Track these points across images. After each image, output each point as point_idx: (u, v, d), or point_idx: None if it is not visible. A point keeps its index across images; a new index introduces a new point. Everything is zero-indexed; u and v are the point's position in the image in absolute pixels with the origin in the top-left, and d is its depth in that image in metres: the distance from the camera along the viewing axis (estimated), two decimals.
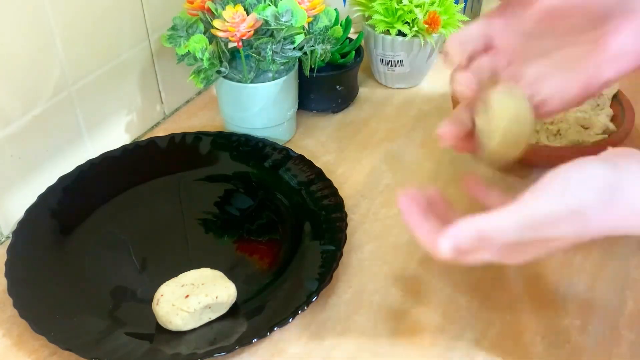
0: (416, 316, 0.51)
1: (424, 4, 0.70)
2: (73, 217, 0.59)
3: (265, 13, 0.60)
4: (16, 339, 0.50)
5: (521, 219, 0.38)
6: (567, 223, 0.37)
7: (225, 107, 0.68)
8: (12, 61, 0.55)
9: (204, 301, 0.48)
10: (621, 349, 0.48)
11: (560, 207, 0.37)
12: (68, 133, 0.62)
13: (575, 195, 0.37)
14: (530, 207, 0.38)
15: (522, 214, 0.38)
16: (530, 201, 0.38)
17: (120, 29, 0.65)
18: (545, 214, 0.37)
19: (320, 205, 0.59)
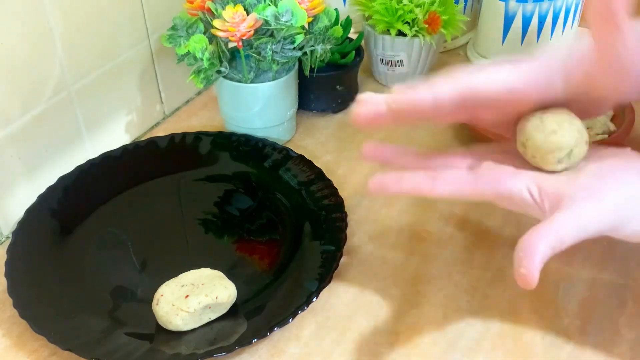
0: (416, 316, 0.51)
1: (424, 4, 0.70)
2: (73, 217, 0.59)
3: (265, 13, 0.60)
4: (16, 339, 0.50)
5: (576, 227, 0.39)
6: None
7: (225, 107, 0.68)
8: (12, 61, 0.55)
9: (204, 301, 0.48)
10: (621, 349, 0.48)
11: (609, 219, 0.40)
12: (68, 133, 0.62)
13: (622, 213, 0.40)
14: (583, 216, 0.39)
15: (577, 224, 0.39)
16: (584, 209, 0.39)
17: (120, 29, 0.65)
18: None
19: (320, 205, 0.59)
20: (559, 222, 0.39)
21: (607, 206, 0.39)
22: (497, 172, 0.43)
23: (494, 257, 0.56)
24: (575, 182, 0.41)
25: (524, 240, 0.38)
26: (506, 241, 0.57)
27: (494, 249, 0.56)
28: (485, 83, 0.42)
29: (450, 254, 0.56)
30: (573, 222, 0.39)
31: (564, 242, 0.39)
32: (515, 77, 0.42)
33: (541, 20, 0.75)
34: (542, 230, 0.38)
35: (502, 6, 0.75)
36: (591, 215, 0.39)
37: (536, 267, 0.37)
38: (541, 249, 0.38)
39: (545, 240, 0.38)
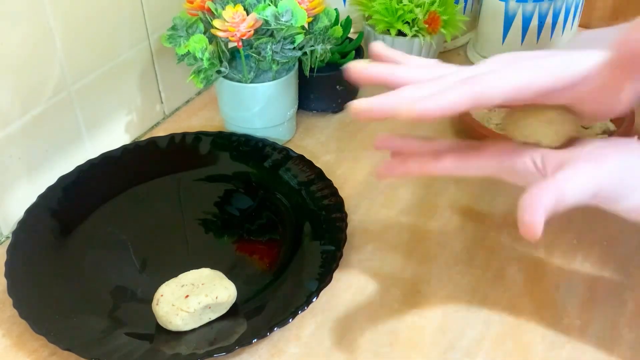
0: (416, 316, 0.51)
1: (424, 4, 0.70)
2: (73, 217, 0.59)
3: (265, 13, 0.60)
4: (16, 339, 0.50)
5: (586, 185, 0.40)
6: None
7: (225, 107, 0.68)
8: (12, 61, 0.55)
9: (204, 301, 0.48)
10: (621, 349, 0.48)
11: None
12: (68, 133, 0.62)
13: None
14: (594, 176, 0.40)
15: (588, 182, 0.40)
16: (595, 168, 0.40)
17: (120, 29, 0.65)
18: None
19: (320, 205, 0.59)
20: (561, 177, 0.40)
21: (608, 169, 0.40)
22: (501, 147, 0.44)
23: (494, 257, 0.56)
24: (580, 149, 0.42)
25: (527, 194, 0.39)
26: (506, 241, 0.57)
27: (494, 249, 0.56)
28: (497, 86, 0.41)
29: (450, 254, 0.56)
30: (574, 178, 0.40)
31: (566, 198, 0.39)
32: (526, 80, 0.41)
33: (541, 20, 0.75)
34: (545, 184, 0.39)
35: (502, 6, 0.75)
36: (592, 175, 0.40)
37: (540, 216, 0.38)
38: (544, 200, 0.38)
39: (548, 192, 0.39)
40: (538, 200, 0.38)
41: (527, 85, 0.40)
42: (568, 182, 0.40)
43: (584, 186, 0.40)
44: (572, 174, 0.40)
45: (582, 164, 0.40)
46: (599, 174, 0.40)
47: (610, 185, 0.40)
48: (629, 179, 0.40)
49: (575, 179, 0.40)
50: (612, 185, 0.40)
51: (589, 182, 0.40)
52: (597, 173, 0.40)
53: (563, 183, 0.39)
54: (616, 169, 0.40)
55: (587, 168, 0.40)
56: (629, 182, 0.40)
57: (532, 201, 0.38)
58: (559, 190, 0.39)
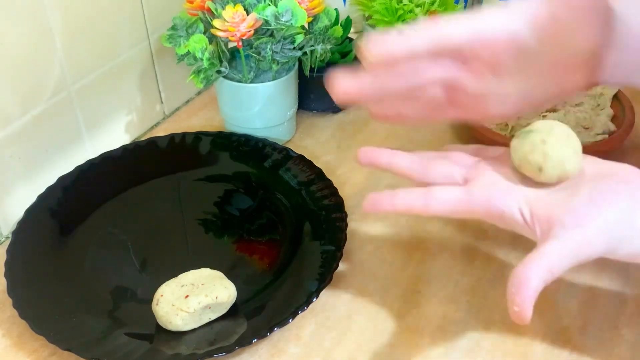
0: (416, 316, 0.51)
1: (425, 4, 0.70)
2: (73, 217, 0.59)
3: (265, 13, 0.60)
4: (16, 339, 0.50)
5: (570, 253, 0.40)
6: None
7: (225, 107, 0.68)
8: (12, 61, 0.55)
9: (204, 301, 0.48)
10: (622, 349, 0.48)
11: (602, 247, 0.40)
12: (68, 133, 0.62)
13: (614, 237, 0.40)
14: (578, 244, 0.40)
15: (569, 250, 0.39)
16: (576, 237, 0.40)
17: (120, 29, 0.65)
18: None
19: (320, 205, 0.59)
20: (549, 253, 0.39)
21: (596, 232, 0.40)
22: (490, 190, 0.43)
23: (493, 257, 0.56)
24: (566, 206, 0.41)
25: (515, 276, 0.38)
26: (506, 241, 0.57)
27: (494, 249, 0.56)
28: (456, 29, 0.43)
29: (450, 254, 0.56)
30: (563, 252, 0.39)
31: (555, 273, 0.39)
32: (483, 23, 0.43)
33: None
34: (533, 264, 0.39)
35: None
36: (581, 243, 0.39)
37: (529, 303, 0.38)
38: (533, 284, 0.38)
39: (536, 275, 0.38)
40: (526, 284, 0.38)
41: (486, 27, 0.42)
42: (557, 256, 0.39)
43: (573, 256, 0.39)
44: (560, 247, 0.39)
45: (570, 232, 0.39)
46: (588, 240, 0.39)
47: (599, 246, 0.40)
48: (619, 233, 0.40)
49: (564, 251, 0.39)
50: (603, 245, 0.40)
51: (578, 250, 0.39)
52: (586, 240, 0.39)
53: (552, 258, 0.39)
54: (604, 228, 0.40)
55: (575, 236, 0.39)
56: (619, 236, 0.40)
57: (521, 287, 0.38)
58: (548, 268, 0.38)
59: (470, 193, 0.43)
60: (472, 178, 0.45)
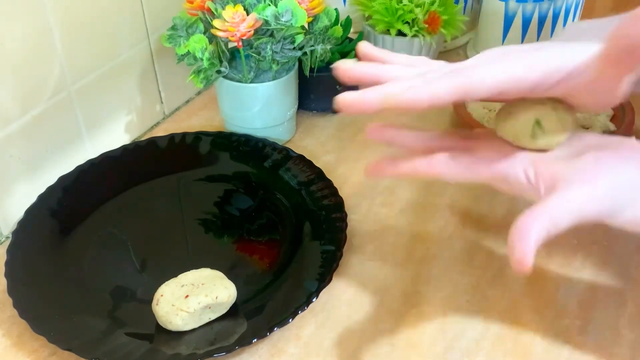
0: (416, 316, 0.51)
1: (424, 4, 0.70)
2: (73, 217, 0.59)
3: (265, 13, 0.60)
4: (16, 339, 0.50)
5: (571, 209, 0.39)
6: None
7: (225, 107, 0.68)
8: (12, 61, 0.55)
9: (204, 301, 0.48)
10: (621, 349, 0.48)
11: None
12: (68, 133, 0.62)
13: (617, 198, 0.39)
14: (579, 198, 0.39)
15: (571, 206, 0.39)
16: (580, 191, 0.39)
17: (120, 29, 0.65)
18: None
19: (320, 205, 0.59)
20: (553, 204, 0.38)
21: (603, 190, 0.39)
22: (493, 154, 0.43)
23: (493, 257, 0.56)
24: (572, 166, 0.40)
25: (517, 224, 0.38)
26: (506, 241, 0.57)
27: (494, 249, 0.56)
28: (483, 83, 0.41)
29: (450, 254, 0.56)
30: (567, 204, 0.39)
31: (559, 225, 0.38)
32: (512, 76, 0.41)
33: (541, 20, 0.75)
34: (536, 214, 0.38)
35: (502, 6, 0.75)
36: (586, 198, 0.39)
37: (530, 251, 0.37)
38: (535, 232, 0.37)
39: (539, 224, 0.37)
40: (528, 233, 0.37)
41: (514, 79, 0.40)
42: (561, 209, 0.38)
43: (578, 211, 0.39)
44: (565, 198, 0.39)
45: (576, 187, 0.39)
46: (594, 196, 0.39)
47: (606, 204, 0.39)
48: (623, 194, 0.39)
49: (569, 204, 0.39)
50: (607, 203, 0.39)
51: (583, 205, 0.39)
52: (592, 194, 0.39)
53: (556, 210, 0.38)
54: (611, 186, 0.39)
55: (581, 190, 0.39)
56: (623, 197, 0.39)
57: (523, 233, 0.37)
58: (552, 219, 0.38)
59: (473, 157, 0.43)
60: (473, 148, 0.45)
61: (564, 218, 0.38)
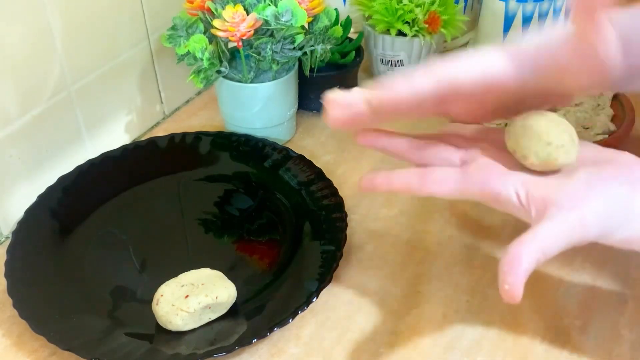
0: (416, 316, 0.51)
1: (424, 4, 0.70)
2: (73, 217, 0.59)
3: (265, 13, 0.60)
4: (16, 339, 0.50)
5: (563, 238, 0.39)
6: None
7: (225, 107, 0.68)
8: (12, 61, 0.55)
9: (204, 301, 0.48)
10: (622, 349, 0.48)
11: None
12: (68, 133, 0.62)
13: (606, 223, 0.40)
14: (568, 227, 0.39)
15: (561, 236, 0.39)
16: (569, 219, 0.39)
17: (120, 29, 0.65)
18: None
19: (320, 205, 0.59)
20: (543, 233, 0.39)
21: (592, 215, 0.39)
22: (486, 172, 0.43)
23: (494, 257, 0.56)
24: (562, 189, 0.40)
25: (507, 254, 0.38)
26: (506, 241, 0.56)
27: (494, 249, 0.56)
28: (463, 73, 0.42)
29: (450, 254, 0.56)
30: (556, 233, 0.39)
31: (548, 254, 0.38)
32: (490, 67, 0.42)
33: (541, 20, 0.74)
34: (526, 244, 0.38)
35: (502, 6, 0.75)
36: (575, 225, 0.39)
37: (520, 282, 0.37)
38: (524, 263, 0.37)
39: (528, 254, 0.38)
40: (518, 264, 0.37)
41: (493, 70, 0.41)
42: (550, 239, 0.38)
43: (568, 238, 0.39)
44: (555, 227, 0.39)
45: (565, 213, 0.39)
46: (584, 222, 0.39)
47: (596, 229, 0.39)
48: (615, 215, 0.40)
49: (559, 232, 0.39)
50: (598, 228, 0.39)
51: (573, 233, 0.39)
52: (582, 222, 0.39)
53: (545, 240, 0.38)
54: (601, 211, 0.39)
55: (571, 218, 0.39)
56: (615, 219, 0.40)
57: (513, 265, 0.37)
58: (541, 248, 0.38)
59: (466, 174, 0.43)
60: (469, 160, 0.44)
61: (553, 247, 0.39)
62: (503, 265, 0.38)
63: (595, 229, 0.39)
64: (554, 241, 0.39)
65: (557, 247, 0.39)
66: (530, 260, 0.38)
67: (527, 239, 0.38)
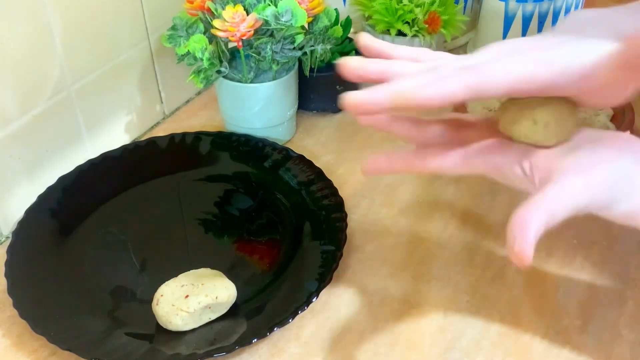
0: (416, 316, 0.51)
1: (424, 4, 0.70)
2: (73, 217, 0.59)
3: (265, 13, 0.60)
4: (16, 339, 0.50)
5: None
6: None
7: (225, 107, 0.68)
8: (12, 61, 0.55)
9: (204, 301, 0.48)
10: (622, 349, 0.48)
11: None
12: (68, 133, 0.62)
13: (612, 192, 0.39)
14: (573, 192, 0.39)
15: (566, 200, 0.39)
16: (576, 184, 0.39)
17: (120, 29, 0.65)
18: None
19: (320, 205, 0.59)
20: (550, 196, 0.38)
21: (598, 181, 0.39)
22: (488, 145, 0.42)
23: (494, 257, 0.56)
24: (567, 157, 0.40)
25: (515, 218, 0.37)
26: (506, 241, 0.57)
27: (494, 249, 0.56)
28: (496, 83, 0.40)
29: (450, 254, 0.56)
30: (564, 195, 0.38)
31: (556, 216, 0.38)
32: (525, 77, 0.40)
33: (541, 20, 0.74)
34: (533, 206, 0.38)
35: (502, 6, 0.75)
36: (582, 188, 0.39)
37: (530, 244, 0.37)
38: (533, 225, 0.37)
39: (537, 217, 0.37)
40: (527, 226, 0.37)
41: (529, 79, 0.39)
42: (558, 200, 0.38)
43: (574, 201, 0.39)
44: (561, 190, 0.38)
45: (572, 178, 0.39)
46: (590, 187, 0.39)
47: (601, 195, 0.39)
48: (618, 186, 0.39)
49: (565, 195, 0.38)
50: (603, 195, 0.39)
51: (579, 196, 0.39)
52: (588, 186, 0.39)
53: (553, 202, 0.38)
54: (606, 178, 0.39)
55: (577, 181, 0.39)
56: (619, 189, 0.39)
57: (522, 227, 0.37)
58: (549, 210, 0.38)
59: (469, 148, 0.43)
60: (469, 139, 0.44)
61: (560, 209, 0.38)
62: (512, 230, 0.37)
63: (599, 195, 0.39)
64: (561, 204, 0.38)
65: (564, 210, 0.38)
66: (539, 223, 0.37)
67: (535, 202, 0.38)
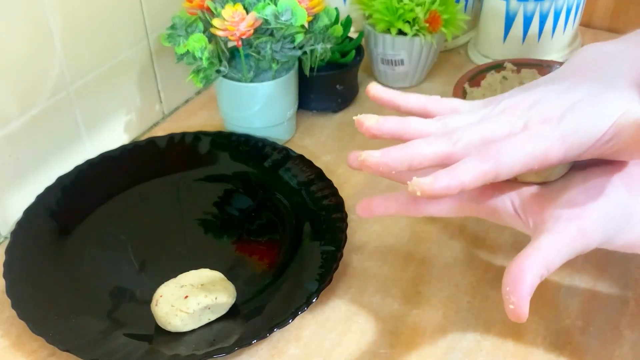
0: (417, 317, 0.51)
1: (425, 3, 0.70)
2: (72, 218, 0.58)
3: (264, 12, 0.60)
4: (15, 339, 0.50)
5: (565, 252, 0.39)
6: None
7: (225, 107, 0.68)
8: (11, 60, 0.54)
9: (204, 302, 0.48)
10: (623, 349, 0.48)
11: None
12: (67, 133, 0.62)
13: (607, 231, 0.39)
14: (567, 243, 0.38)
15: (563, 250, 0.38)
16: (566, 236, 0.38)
17: (119, 28, 0.64)
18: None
19: (320, 206, 0.59)
20: (544, 248, 0.38)
21: (592, 224, 0.39)
22: (480, 187, 0.41)
23: (494, 258, 0.56)
24: (559, 198, 0.40)
25: (509, 272, 0.37)
26: (507, 242, 0.57)
27: (495, 250, 0.56)
28: (511, 167, 0.39)
29: (450, 254, 0.56)
30: (558, 246, 0.38)
31: (551, 267, 0.38)
32: (540, 156, 0.39)
33: (542, 19, 0.74)
34: (528, 259, 0.37)
35: (503, 5, 0.75)
36: (577, 235, 0.38)
37: (525, 300, 0.36)
38: (528, 279, 0.36)
39: (531, 271, 0.37)
40: (522, 282, 0.36)
41: (543, 158, 0.39)
42: (553, 251, 0.38)
43: (570, 250, 0.38)
44: (556, 240, 0.38)
45: (566, 225, 0.38)
46: (584, 232, 0.38)
47: (597, 236, 0.39)
48: (614, 223, 0.39)
49: (560, 245, 0.38)
50: (599, 235, 0.39)
51: (574, 244, 0.38)
52: (583, 231, 0.38)
53: (548, 254, 0.37)
54: (601, 218, 0.39)
55: (572, 229, 0.38)
56: (615, 225, 0.39)
57: (516, 285, 0.36)
58: (544, 262, 0.37)
59: (461, 193, 0.42)
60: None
61: (556, 260, 0.38)
62: (506, 284, 0.37)
63: (596, 236, 0.39)
64: (556, 254, 0.38)
65: (560, 260, 0.38)
66: (533, 276, 0.37)
67: (529, 254, 0.37)
